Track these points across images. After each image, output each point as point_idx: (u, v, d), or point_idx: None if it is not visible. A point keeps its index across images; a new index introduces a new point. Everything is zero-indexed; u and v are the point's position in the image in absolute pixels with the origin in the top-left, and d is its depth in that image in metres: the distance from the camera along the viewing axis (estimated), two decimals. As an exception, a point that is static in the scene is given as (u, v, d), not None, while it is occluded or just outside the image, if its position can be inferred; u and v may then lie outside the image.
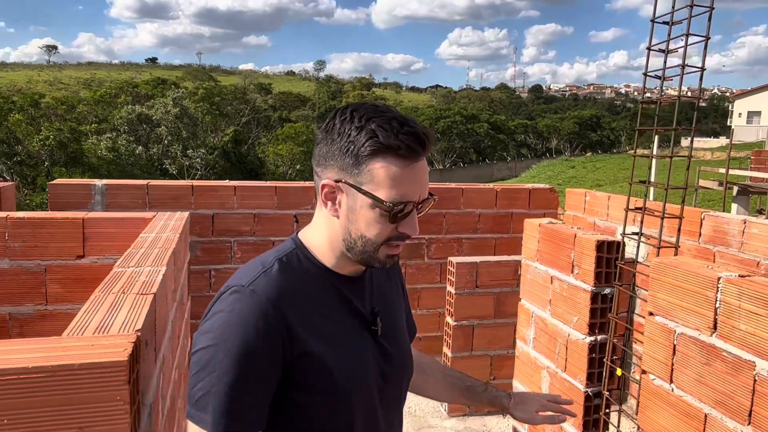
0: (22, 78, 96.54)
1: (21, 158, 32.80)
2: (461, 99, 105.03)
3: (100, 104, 42.67)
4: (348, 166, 1.14)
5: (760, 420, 1.67)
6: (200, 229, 4.41)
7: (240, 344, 1.08)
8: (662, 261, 2.06)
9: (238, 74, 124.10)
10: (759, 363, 1.69)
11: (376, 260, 1.21)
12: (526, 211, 5.08)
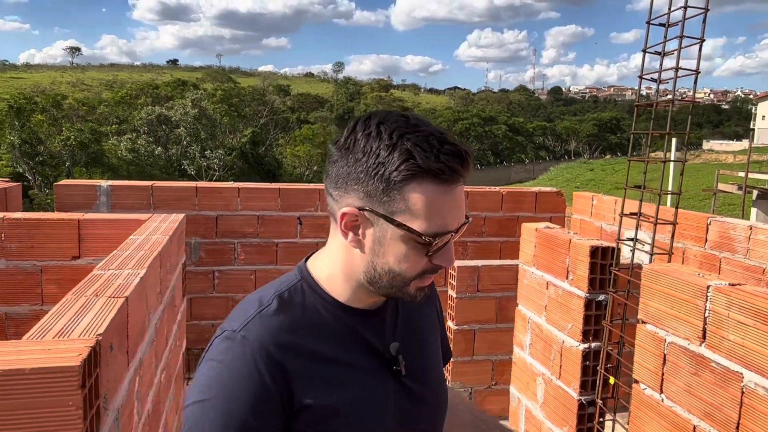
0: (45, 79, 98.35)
1: (43, 158, 33.38)
2: (479, 101, 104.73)
3: (121, 105, 43.29)
4: (376, 192, 0.96)
5: (747, 433, 1.63)
6: (204, 230, 4.43)
7: (234, 401, 0.97)
8: (653, 268, 2.02)
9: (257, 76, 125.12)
10: (747, 375, 1.64)
11: (405, 295, 1.04)
12: (532, 215, 5.02)
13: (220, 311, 4.53)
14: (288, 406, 1.00)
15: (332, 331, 1.07)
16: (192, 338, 4.44)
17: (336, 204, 1.04)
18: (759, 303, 1.60)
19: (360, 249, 1.03)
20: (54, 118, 34.14)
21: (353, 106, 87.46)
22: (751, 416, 1.62)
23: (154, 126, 37.81)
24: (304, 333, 1.04)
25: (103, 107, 42.91)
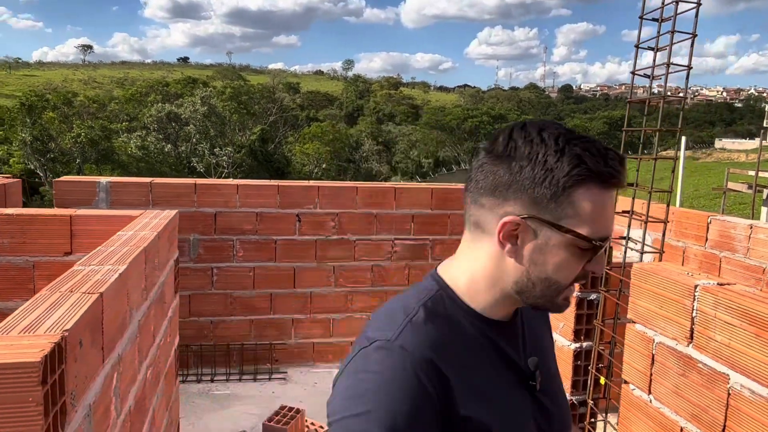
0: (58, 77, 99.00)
1: (54, 155, 33.60)
2: (489, 99, 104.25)
3: (131, 103, 43.47)
4: (543, 199, 0.95)
5: (733, 436, 1.60)
6: (203, 227, 4.44)
7: (396, 414, 0.91)
8: (642, 267, 1.99)
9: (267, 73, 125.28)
10: (733, 376, 1.61)
11: (553, 305, 1.04)
12: (533, 213, 4.98)
13: (219, 308, 4.53)
14: (446, 419, 0.96)
15: (476, 343, 1.05)
16: (190, 335, 4.45)
17: (490, 213, 1.01)
18: (746, 303, 1.56)
19: (515, 258, 1.00)
20: (65, 116, 34.36)
21: (362, 103, 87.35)
22: (737, 418, 1.59)
23: (164, 123, 37.94)
24: (454, 344, 1.01)
25: (114, 105, 43.09)
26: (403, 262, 4.77)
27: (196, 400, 4.13)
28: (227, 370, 4.52)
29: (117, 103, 44.21)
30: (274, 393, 4.27)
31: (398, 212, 4.73)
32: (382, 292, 4.78)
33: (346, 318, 4.74)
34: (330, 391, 1.03)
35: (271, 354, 4.62)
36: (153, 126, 37.92)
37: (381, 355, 0.96)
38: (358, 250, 4.70)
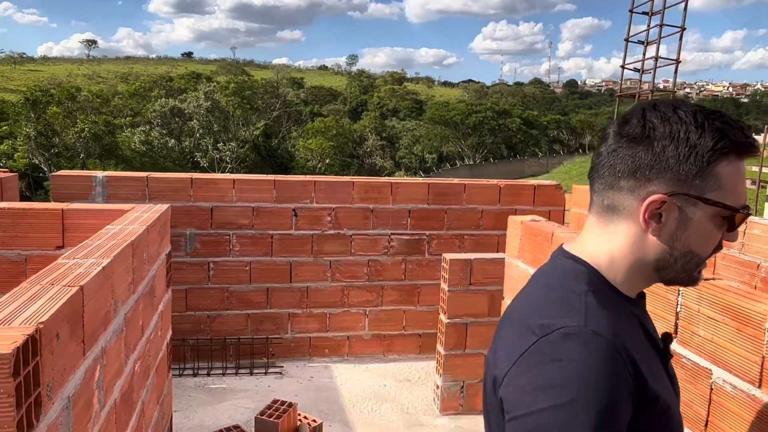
0: (62, 72, 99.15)
1: (58, 150, 33.69)
2: (494, 94, 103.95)
3: (135, 98, 43.52)
4: (688, 175, 0.98)
5: (715, 431, 1.59)
6: (199, 221, 4.44)
7: (603, 400, 0.89)
8: (629, 262, 1.98)
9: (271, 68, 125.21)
10: (715, 371, 1.60)
11: (690, 279, 1.07)
12: (530, 208, 4.98)
13: (216, 302, 4.54)
14: (639, 401, 0.96)
15: (633, 322, 1.06)
16: (187, 329, 4.46)
17: (630, 195, 1.02)
18: (729, 299, 1.56)
19: (659, 236, 1.02)
20: (69, 111, 34.44)
21: (366, 99, 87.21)
22: (719, 413, 1.58)
23: (168, 118, 37.99)
24: (623, 325, 1.01)
25: (118, 99, 43.13)
26: (400, 257, 4.77)
27: (192, 394, 4.15)
28: (224, 364, 4.53)
29: (121, 98, 44.27)
30: (269, 387, 4.28)
31: (395, 207, 4.73)
32: (379, 287, 4.78)
33: (342, 312, 4.75)
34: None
35: (267, 348, 4.63)
36: (157, 121, 37.98)
37: (574, 342, 0.93)
38: (355, 244, 4.70)
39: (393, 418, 3.92)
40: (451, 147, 66.32)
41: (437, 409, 4.03)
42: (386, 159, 62.50)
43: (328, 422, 3.85)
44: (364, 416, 3.94)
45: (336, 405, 4.06)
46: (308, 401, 4.10)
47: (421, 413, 4.01)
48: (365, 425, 3.83)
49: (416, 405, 4.12)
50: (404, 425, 3.85)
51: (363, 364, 4.74)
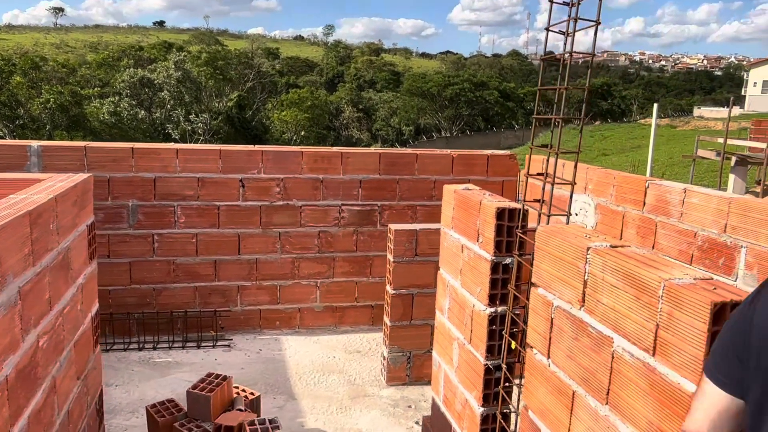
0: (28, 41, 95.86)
1: (23, 121, 32.76)
2: (471, 66, 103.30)
3: (103, 68, 42.35)
4: None
5: (617, 400, 1.57)
6: (142, 192, 4.32)
7: None
8: (544, 230, 1.94)
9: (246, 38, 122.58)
10: (616, 339, 1.58)
11: None
12: (484, 178, 4.93)
13: (161, 275, 4.45)
14: None
15: None
16: (132, 302, 4.36)
17: None
18: (628, 266, 1.52)
19: None
20: (33, 81, 33.41)
21: (343, 70, 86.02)
22: (620, 383, 1.56)
23: (137, 89, 37.08)
24: None
25: (85, 69, 41.90)
26: (351, 228, 4.71)
27: (136, 368, 4.07)
28: (171, 338, 4.46)
29: (88, 68, 43.02)
30: (216, 360, 4.23)
31: (345, 177, 4.64)
32: (330, 259, 4.72)
33: (292, 284, 4.69)
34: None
35: (216, 321, 4.56)
36: (126, 92, 37.05)
37: None
38: (305, 215, 4.62)
39: (339, 390, 3.90)
40: (428, 119, 65.99)
41: (384, 380, 4.02)
42: (363, 131, 62.02)
43: (273, 394, 3.82)
44: (310, 388, 3.91)
45: (282, 377, 4.02)
46: (255, 374, 4.06)
47: (367, 384, 4.00)
48: (310, 397, 3.80)
49: (364, 376, 4.10)
50: (349, 396, 3.83)
51: (314, 336, 4.70)
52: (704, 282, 1.37)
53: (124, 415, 3.49)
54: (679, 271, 1.45)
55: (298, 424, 3.49)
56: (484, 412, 2.40)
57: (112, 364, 4.11)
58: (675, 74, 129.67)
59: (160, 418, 2.91)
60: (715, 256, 2.99)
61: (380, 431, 3.45)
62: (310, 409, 3.66)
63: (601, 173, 3.95)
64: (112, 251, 4.33)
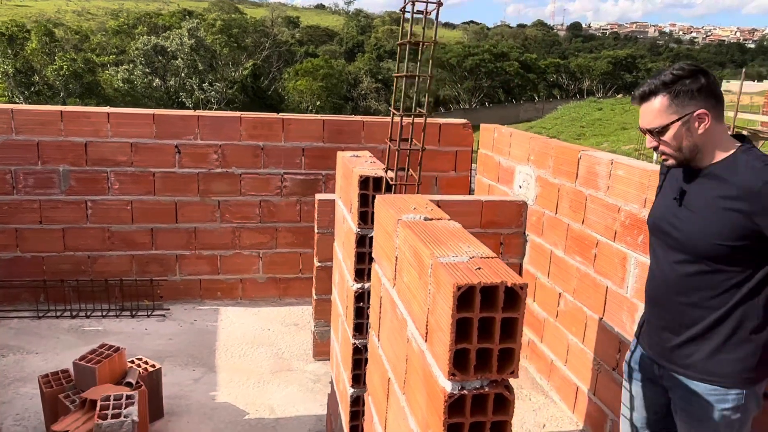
0: (50, 8, 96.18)
1: (39, 88, 32.99)
2: (494, 36, 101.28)
3: (119, 35, 42.29)
4: None
5: (409, 390, 1.41)
6: (73, 157, 4.20)
7: None
8: (379, 199, 1.76)
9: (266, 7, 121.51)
10: (409, 323, 1.41)
11: None
12: (436, 148, 4.72)
13: (96, 243, 4.35)
14: None
15: None
16: (67, 270, 4.27)
17: None
18: (415, 242, 1.35)
19: None
20: (47, 47, 33.51)
21: (363, 39, 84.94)
22: (412, 371, 1.39)
23: (151, 57, 37.00)
24: None
25: (101, 36, 41.87)
26: (294, 198, 4.55)
27: (62, 336, 4.01)
28: (108, 306, 4.39)
29: (104, 35, 42.99)
30: (146, 330, 4.15)
31: (287, 145, 4.47)
32: (272, 229, 4.58)
33: (234, 254, 4.56)
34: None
35: (154, 290, 4.47)
36: (140, 60, 37.02)
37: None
38: (245, 184, 4.47)
39: (263, 363, 3.79)
40: (447, 91, 65.08)
41: (312, 354, 3.90)
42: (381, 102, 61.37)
43: (193, 366, 3.72)
44: (233, 361, 3.81)
45: (208, 349, 3.93)
46: (181, 344, 3.97)
47: (295, 358, 3.89)
48: (231, 370, 3.70)
49: (293, 350, 3.99)
50: (272, 370, 3.72)
51: (256, 307, 4.60)
52: (479, 261, 1.19)
53: (34, 384, 3.42)
54: (466, 247, 1.27)
55: (210, 397, 3.40)
56: (354, 393, 2.25)
57: (41, 332, 4.06)
58: (706, 46, 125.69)
59: (48, 389, 2.82)
60: (635, 233, 2.77)
61: (292, 407, 3.34)
62: (227, 382, 3.56)
63: (541, 143, 3.72)
64: (44, 217, 4.24)
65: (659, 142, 1.79)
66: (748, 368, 1.76)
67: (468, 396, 1.13)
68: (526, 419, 3.33)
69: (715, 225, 1.73)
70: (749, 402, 1.78)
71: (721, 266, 1.75)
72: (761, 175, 1.67)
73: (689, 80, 1.74)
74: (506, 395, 1.14)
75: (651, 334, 1.98)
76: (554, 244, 3.52)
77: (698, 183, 1.80)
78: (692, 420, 1.85)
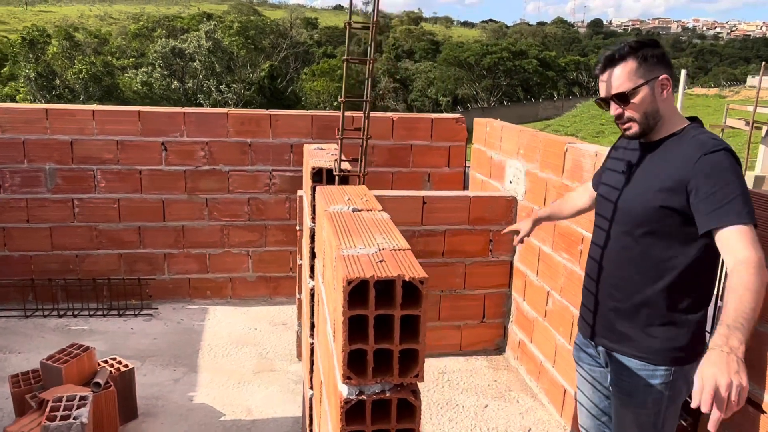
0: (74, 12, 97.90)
1: (59, 91, 33.49)
2: (513, 34, 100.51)
3: (138, 38, 42.78)
4: None
5: (329, 394, 1.31)
6: (59, 155, 4.17)
7: None
8: (318, 191, 1.66)
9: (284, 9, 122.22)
10: (328, 322, 1.31)
11: None
12: (428, 143, 4.61)
13: (84, 241, 4.32)
14: None
15: None
16: (55, 269, 4.24)
17: None
18: (330, 234, 1.25)
19: None
20: (67, 51, 34.01)
21: (382, 39, 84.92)
22: (328, 373, 1.29)
23: (169, 59, 37.36)
24: None
25: (121, 40, 42.39)
26: (283, 195, 4.47)
27: (48, 336, 3.98)
28: (96, 305, 4.35)
29: (124, 38, 43.52)
30: (132, 329, 4.10)
31: (276, 141, 4.40)
32: (261, 227, 4.51)
33: (223, 253, 4.50)
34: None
35: (142, 289, 4.43)
36: (158, 62, 37.40)
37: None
38: (233, 181, 4.41)
39: (246, 363, 3.72)
40: (466, 89, 64.71)
41: (296, 354, 3.82)
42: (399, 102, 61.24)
43: (175, 366, 3.66)
44: (216, 361, 3.74)
45: (192, 349, 3.87)
46: (165, 344, 3.92)
47: (279, 358, 3.81)
48: (212, 370, 3.63)
49: (278, 350, 3.91)
50: (254, 371, 3.65)
51: (245, 306, 4.53)
52: (387, 254, 1.09)
53: (12, 384, 3.39)
54: (381, 239, 1.17)
55: (188, 398, 3.33)
56: (311, 395, 2.16)
57: (27, 331, 4.03)
58: (730, 42, 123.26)
59: (16, 389, 2.78)
60: (618, 228, 2.64)
61: (270, 408, 3.26)
62: (207, 383, 3.49)
63: (530, 137, 3.59)
64: (32, 216, 4.22)
65: (624, 108, 1.76)
66: (678, 347, 1.77)
67: (368, 401, 1.02)
68: (512, 422, 3.21)
69: (651, 191, 1.74)
70: (678, 380, 1.78)
71: (655, 239, 1.74)
72: (704, 147, 1.66)
73: (651, 48, 1.75)
74: (411, 401, 1.03)
75: (585, 314, 2.00)
76: (542, 241, 3.39)
77: (647, 156, 1.81)
78: (622, 394, 1.87)
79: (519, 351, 3.75)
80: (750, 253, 1.49)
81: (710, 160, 1.62)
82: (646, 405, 1.81)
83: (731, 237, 1.53)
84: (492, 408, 3.33)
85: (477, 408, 3.32)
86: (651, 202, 1.73)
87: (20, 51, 33.19)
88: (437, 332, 3.80)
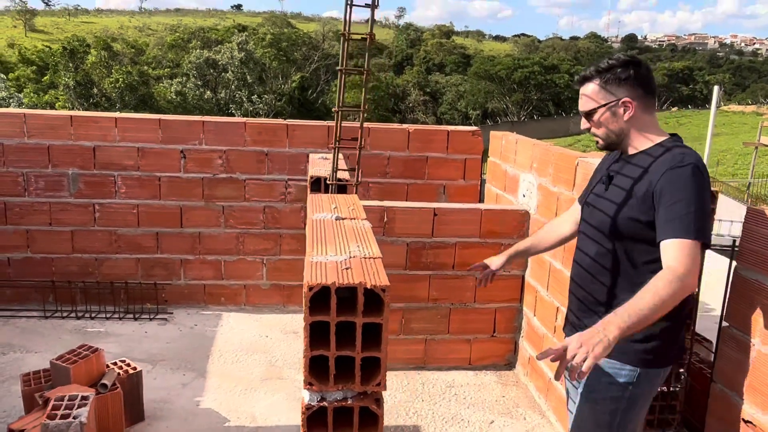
0: (114, 24, 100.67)
1: (96, 100, 34.41)
2: (545, 48, 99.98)
3: (174, 49, 43.78)
4: None
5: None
6: (82, 161, 4.29)
7: None
8: (309, 199, 1.68)
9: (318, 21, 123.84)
10: (305, 328, 1.31)
11: None
12: (444, 156, 4.61)
13: (103, 245, 4.42)
14: None
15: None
16: (75, 271, 4.35)
17: None
18: (308, 242, 1.26)
19: None
20: (105, 61, 34.97)
21: (413, 53, 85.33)
22: (308, 379, 1.30)
23: (203, 70, 38.13)
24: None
25: (157, 50, 43.43)
26: (299, 204, 4.51)
27: (64, 336, 4.07)
28: (114, 308, 4.44)
29: (160, 49, 44.60)
30: (146, 333, 4.17)
31: (292, 151, 4.45)
32: (276, 235, 4.55)
33: (237, 260, 4.56)
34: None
35: (158, 294, 4.50)
36: (192, 72, 38.19)
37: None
38: (249, 189, 4.47)
39: (254, 371, 3.75)
40: (496, 103, 64.50)
41: (305, 363, 3.83)
42: (428, 115, 61.30)
43: (184, 371, 3.71)
44: (225, 367, 3.78)
45: (203, 354, 3.91)
46: (177, 349, 3.97)
47: (287, 366, 3.82)
48: (221, 376, 3.66)
49: (288, 358, 3.93)
50: (262, 378, 3.67)
51: (259, 314, 4.57)
52: (356, 261, 1.10)
53: (26, 382, 3.47)
54: (354, 247, 1.18)
55: (194, 402, 3.36)
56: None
57: (45, 332, 4.13)
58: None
59: (26, 387, 2.85)
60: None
61: (275, 416, 3.27)
62: (215, 388, 3.52)
63: (543, 150, 3.56)
64: (54, 219, 4.33)
65: (590, 124, 1.90)
66: (646, 349, 1.81)
67: (329, 408, 1.03)
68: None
69: (622, 203, 1.83)
70: (641, 383, 1.82)
71: (630, 246, 1.82)
72: (672, 161, 1.73)
73: (620, 69, 1.84)
74: (373, 409, 1.03)
75: (569, 315, 2.10)
76: (553, 256, 3.35)
77: (624, 168, 1.90)
78: (586, 389, 1.92)
79: (529, 367, 3.70)
80: (677, 264, 1.59)
81: (675, 174, 1.68)
82: (605, 401, 1.86)
83: (670, 247, 1.63)
84: (498, 424, 3.29)
85: (482, 423, 3.28)
86: (622, 213, 1.81)
87: (60, 60, 34.26)
88: (446, 345, 3.78)
